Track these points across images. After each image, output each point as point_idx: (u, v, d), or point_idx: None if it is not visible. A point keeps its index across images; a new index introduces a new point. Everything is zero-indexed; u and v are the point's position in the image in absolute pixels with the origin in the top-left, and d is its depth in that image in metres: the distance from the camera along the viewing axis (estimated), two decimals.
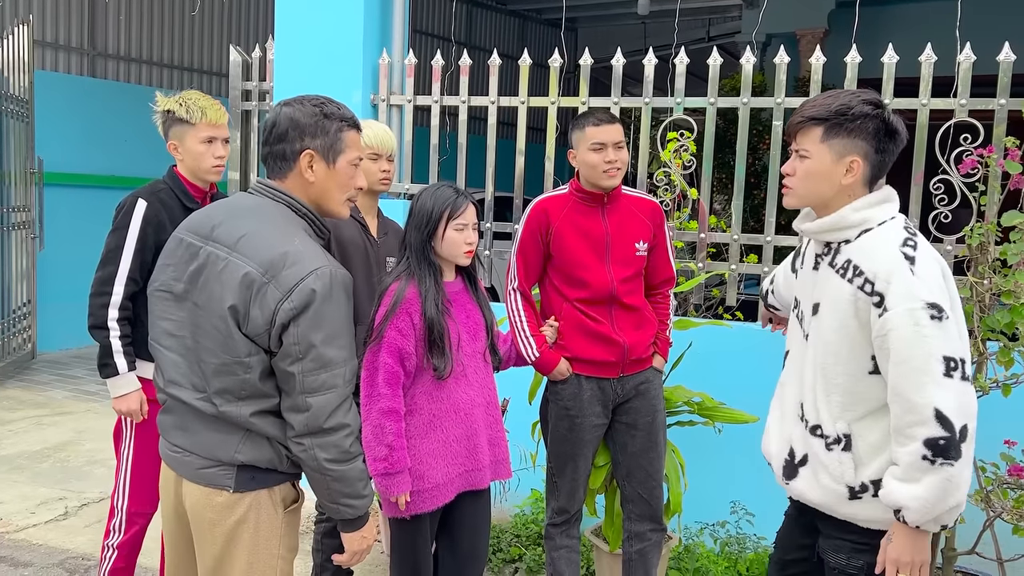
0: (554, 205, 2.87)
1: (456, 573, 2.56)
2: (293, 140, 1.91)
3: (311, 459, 1.84)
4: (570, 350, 2.86)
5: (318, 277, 1.79)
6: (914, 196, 3.52)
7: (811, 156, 1.93)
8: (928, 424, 1.74)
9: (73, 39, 8.17)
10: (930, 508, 1.76)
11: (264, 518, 1.90)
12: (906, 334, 1.76)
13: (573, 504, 2.96)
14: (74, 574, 3.48)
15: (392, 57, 4.33)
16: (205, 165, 2.73)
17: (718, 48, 4.25)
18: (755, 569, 3.52)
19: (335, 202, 1.99)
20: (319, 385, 1.81)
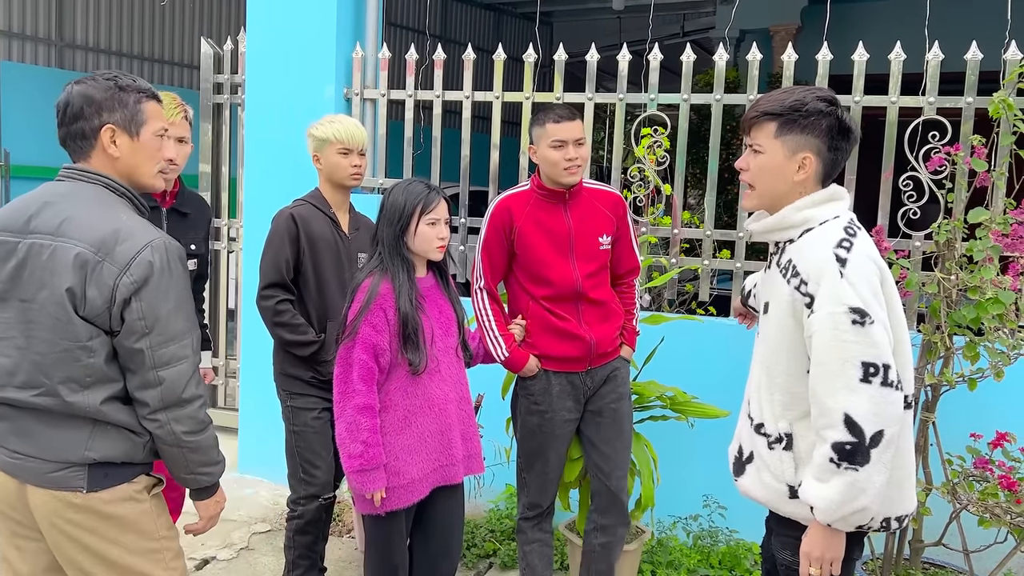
0: (516, 203, 2.85)
1: (430, 568, 2.56)
2: (91, 117, 1.85)
3: (168, 434, 1.83)
4: (538, 347, 2.86)
5: (154, 250, 1.78)
6: (884, 192, 3.56)
7: (764, 151, 1.95)
8: (836, 428, 1.77)
9: (40, 29, 8.03)
10: (835, 509, 1.79)
11: (129, 510, 1.86)
12: (825, 337, 1.78)
13: (544, 499, 2.96)
14: None
15: (366, 51, 4.30)
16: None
17: (692, 44, 4.26)
18: (727, 562, 3.55)
19: (146, 175, 1.95)
20: (170, 358, 1.80)
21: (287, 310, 2.84)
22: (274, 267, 2.84)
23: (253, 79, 4.42)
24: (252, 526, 3.95)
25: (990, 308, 2.76)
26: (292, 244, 2.85)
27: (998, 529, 2.82)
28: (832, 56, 3.61)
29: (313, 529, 2.97)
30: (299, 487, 2.96)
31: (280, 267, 2.84)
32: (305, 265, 2.88)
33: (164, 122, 1.97)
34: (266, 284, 2.86)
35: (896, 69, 3.52)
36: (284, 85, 4.32)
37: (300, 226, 2.87)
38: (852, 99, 3.58)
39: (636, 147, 3.83)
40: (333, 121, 2.99)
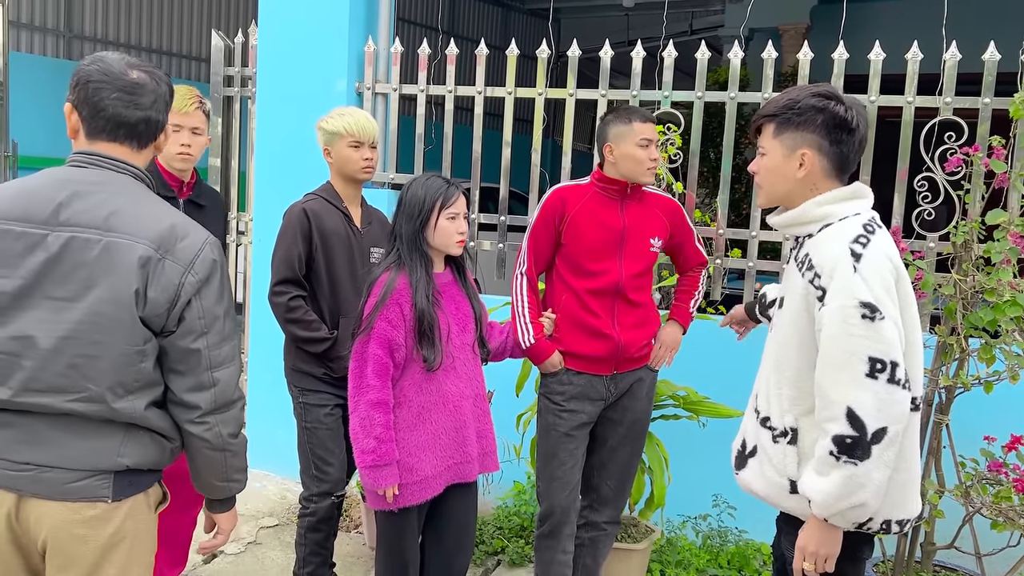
0: (572, 194, 2.85)
1: (443, 566, 2.55)
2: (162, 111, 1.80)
3: (216, 436, 1.75)
4: (564, 343, 2.84)
5: (213, 246, 1.73)
6: (898, 193, 3.54)
7: (767, 152, 1.99)
8: (838, 421, 1.77)
9: (49, 20, 8.03)
10: (832, 503, 1.79)
11: (141, 524, 1.76)
12: (834, 330, 1.79)
13: (554, 503, 2.87)
14: None
15: (378, 45, 4.28)
16: (171, 151, 2.71)
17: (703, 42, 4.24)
18: (736, 562, 3.54)
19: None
20: (224, 358, 1.73)
21: (299, 306, 2.83)
22: (286, 263, 2.82)
23: (264, 72, 4.41)
24: (260, 520, 3.95)
25: (1007, 311, 2.74)
26: (304, 239, 2.83)
27: (1011, 532, 2.80)
28: (848, 55, 3.59)
29: (325, 526, 2.97)
30: (312, 484, 2.95)
31: (292, 263, 2.82)
32: (317, 261, 2.86)
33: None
34: (278, 280, 2.84)
35: (912, 69, 3.50)
36: (295, 78, 4.30)
37: (312, 221, 2.85)
38: (868, 99, 3.55)
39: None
40: (344, 114, 2.97)
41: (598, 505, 2.96)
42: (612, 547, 3.10)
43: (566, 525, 2.90)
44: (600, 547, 2.99)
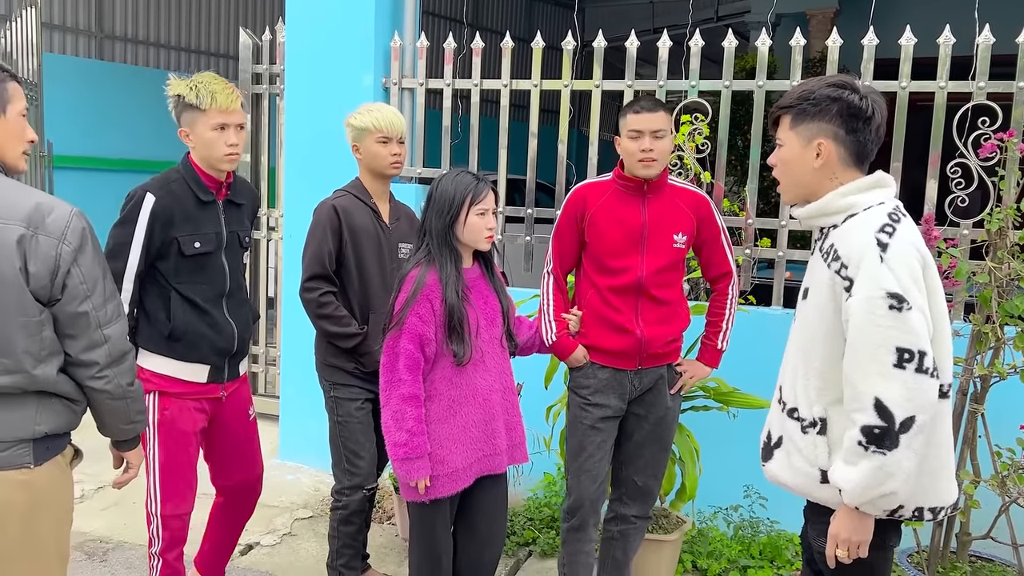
0: (593, 192, 2.85)
1: (475, 556, 2.58)
2: None
3: (116, 387, 1.92)
4: (588, 338, 2.85)
5: (79, 216, 1.86)
6: (931, 179, 3.49)
7: (784, 144, 1.99)
8: (866, 411, 1.78)
9: (81, 21, 8.15)
10: (861, 492, 1.80)
11: (62, 482, 1.94)
12: (861, 321, 1.78)
13: (583, 500, 2.88)
14: (92, 556, 3.51)
15: (404, 40, 4.30)
16: (217, 153, 2.57)
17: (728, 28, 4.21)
18: (768, 553, 3.53)
19: (12, 155, 1.95)
20: (111, 315, 1.90)
21: (330, 302, 2.86)
22: (317, 259, 2.86)
23: (292, 69, 4.45)
24: (294, 512, 4.00)
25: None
26: (335, 235, 2.86)
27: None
28: (878, 41, 3.54)
29: (357, 519, 3.01)
30: (344, 477, 2.99)
31: (323, 259, 2.85)
32: (347, 256, 2.89)
33: (25, 103, 1.95)
34: (309, 276, 2.87)
35: (945, 54, 3.45)
36: (322, 75, 4.34)
37: (342, 217, 2.88)
38: (899, 84, 3.51)
39: (675, 135, 3.80)
40: (371, 110, 2.99)
41: (627, 499, 2.96)
42: (643, 539, 3.11)
43: (593, 517, 2.93)
44: (630, 540, 3.00)
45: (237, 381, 2.79)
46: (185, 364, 2.59)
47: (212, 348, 2.62)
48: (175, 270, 2.55)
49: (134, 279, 2.51)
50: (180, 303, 2.56)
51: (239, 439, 2.82)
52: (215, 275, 2.63)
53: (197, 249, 2.56)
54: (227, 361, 2.68)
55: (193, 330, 2.57)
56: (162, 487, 2.63)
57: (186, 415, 2.62)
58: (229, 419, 2.77)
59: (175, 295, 2.56)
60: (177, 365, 2.58)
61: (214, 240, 2.61)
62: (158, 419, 2.61)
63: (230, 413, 2.77)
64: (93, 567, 3.42)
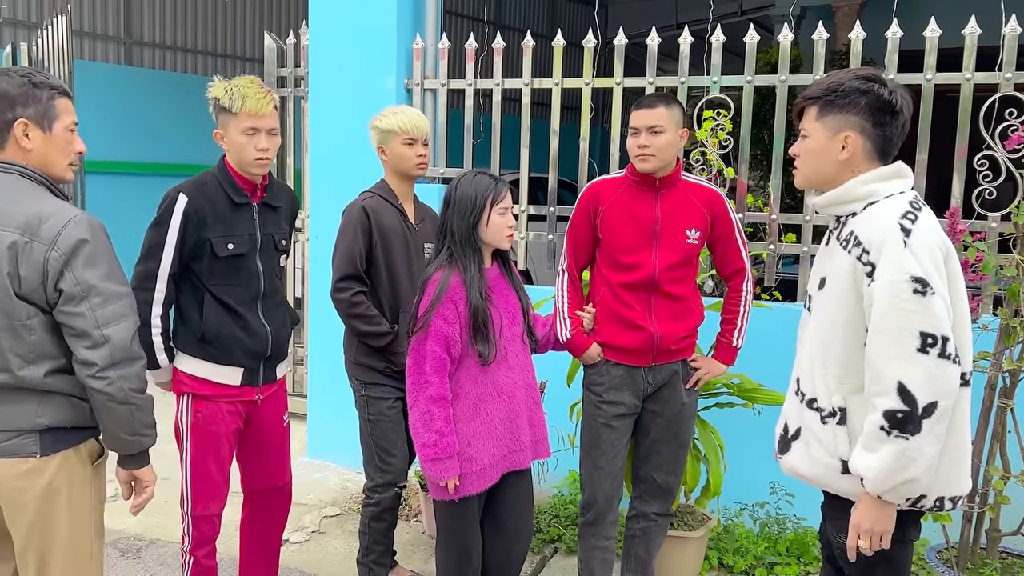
0: (606, 188, 2.86)
1: (504, 552, 2.60)
2: (4, 111, 1.96)
3: (118, 391, 1.94)
4: (602, 335, 2.86)
5: (77, 223, 1.92)
6: (957, 172, 3.45)
7: (809, 135, 1.99)
8: (889, 395, 1.77)
9: (110, 28, 8.28)
10: (884, 479, 1.79)
11: (76, 475, 2.01)
12: (885, 305, 1.78)
13: (596, 493, 2.90)
14: (126, 554, 3.58)
15: (425, 41, 4.33)
16: (247, 157, 2.57)
17: (751, 23, 4.19)
18: (795, 549, 3.52)
19: (58, 167, 2.05)
20: (111, 316, 1.93)
21: (362, 302, 2.90)
22: (348, 259, 2.90)
23: (316, 72, 4.50)
24: (322, 510, 4.06)
25: None
26: (365, 236, 2.90)
27: None
28: (902, 33, 3.51)
29: (388, 516, 3.04)
30: (375, 475, 3.02)
31: (354, 259, 2.89)
32: (377, 257, 2.93)
33: (74, 116, 2.05)
34: (341, 276, 2.91)
35: (970, 45, 3.40)
36: (346, 77, 4.38)
37: (372, 218, 2.91)
38: (924, 77, 3.47)
39: (698, 130, 3.79)
40: (396, 112, 3.02)
41: (647, 496, 2.97)
42: (667, 535, 3.11)
43: (609, 513, 2.93)
44: (652, 538, 3.00)
45: (274, 384, 2.78)
46: (218, 366, 2.60)
47: (245, 351, 2.62)
48: (209, 271, 2.56)
49: (167, 279, 2.53)
50: (213, 305, 2.57)
51: (270, 444, 2.82)
52: (249, 277, 2.63)
53: (230, 250, 2.56)
54: (262, 364, 2.68)
55: (226, 332, 2.58)
56: (192, 487, 2.66)
57: (219, 418, 2.63)
58: (263, 423, 2.78)
59: (208, 297, 2.57)
60: (210, 367, 2.60)
61: (248, 242, 2.61)
62: (191, 421, 2.63)
63: (265, 417, 2.77)
64: (127, 564, 3.49)
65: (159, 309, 2.54)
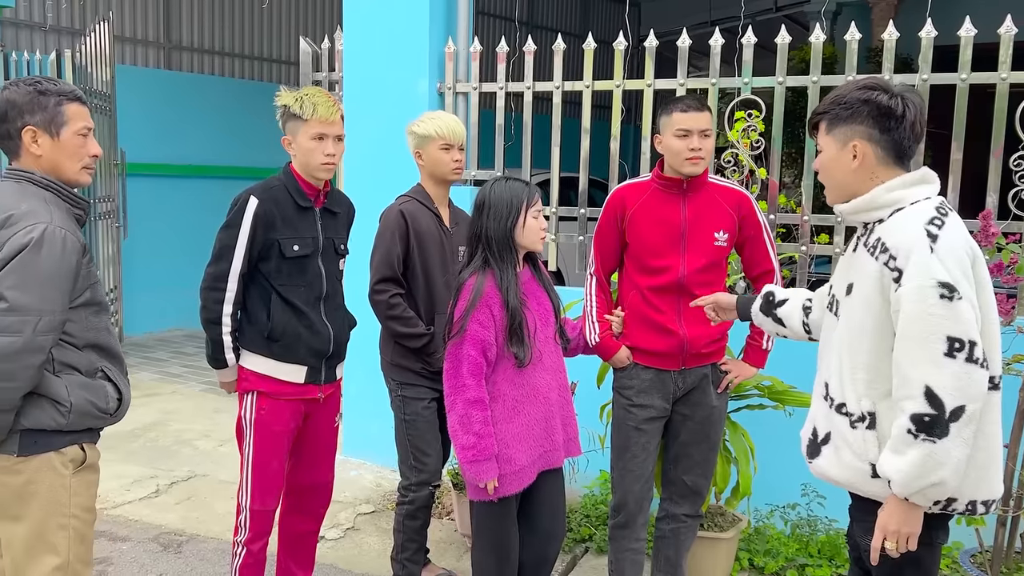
0: (632, 192, 2.88)
1: (540, 551, 2.65)
2: (14, 119, 2.04)
3: None
4: (631, 339, 2.88)
5: (29, 231, 1.94)
6: (993, 172, 3.42)
7: (823, 149, 2.04)
8: (916, 399, 1.78)
9: (150, 33, 8.46)
10: (911, 481, 1.80)
11: (52, 479, 2.05)
12: (912, 310, 1.80)
13: (627, 496, 2.92)
14: (168, 548, 3.69)
15: (457, 45, 4.38)
16: (314, 162, 2.66)
17: (787, 19, 4.17)
18: (827, 551, 3.51)
19: (70, 171, 2.11)
20: (4, 326, 1.91)
21: (399, 304, 2.97)
22: (386, 262, 2.96)
23: (350, 76, 4.57)
24: (357, 507, 4.13)
25: None
26: (402, 240, 2.96)
27: None
28: (936, 32, 3.47)
29: (422, 514, 3.10)
30: (411, 474, 3.08)
31: (392, 262, 2.96)
32: (413, 260, 2.99)
33: (87, 121, 2.11)
34: (379, 279, 2.98)
35: (1006, 44, 3.36)
36: (380, 81, 4.45)
37: (409, 222, 2.98)
38: (959, 76, 3.44)
39: (729, 131, 3.79)
40: (434, 118, 3.08)
41: (677, 498, 2.99)
42: (698, 536, 3.12)
43: (639, 515, 2.95)
44: (681, 539, 3.02)
45: (334, 384, 2.87)
46: (283, 364, 2.69)
47: (309, 350, 2.71)
48: (276, 271, 2.66)
49: (238, 279, 2.63)
50: (280, 304, 2.66)
51: (321, 443, 2.91)
52: (313, 278, 2.72)
53: (296, 252, 2.66)
54: (324, 363, 2.77)
55: (291, 331, 2.67)
56: (254, 483, 2.74)
57: (282, 416, 2.72)
58: (319, 422, 2.87)
59: (276, 297, 2.66)
60: (275, 365, 2.69)
61: (311, 244, 2.71)
62: (255, 418, 2.72)
63: (322, 417, 2.86)
64: (168, 558, 3.59)
65: (229, 308, 2.64)
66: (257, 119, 7.79)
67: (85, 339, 2.11)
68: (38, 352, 1.96)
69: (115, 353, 2.20)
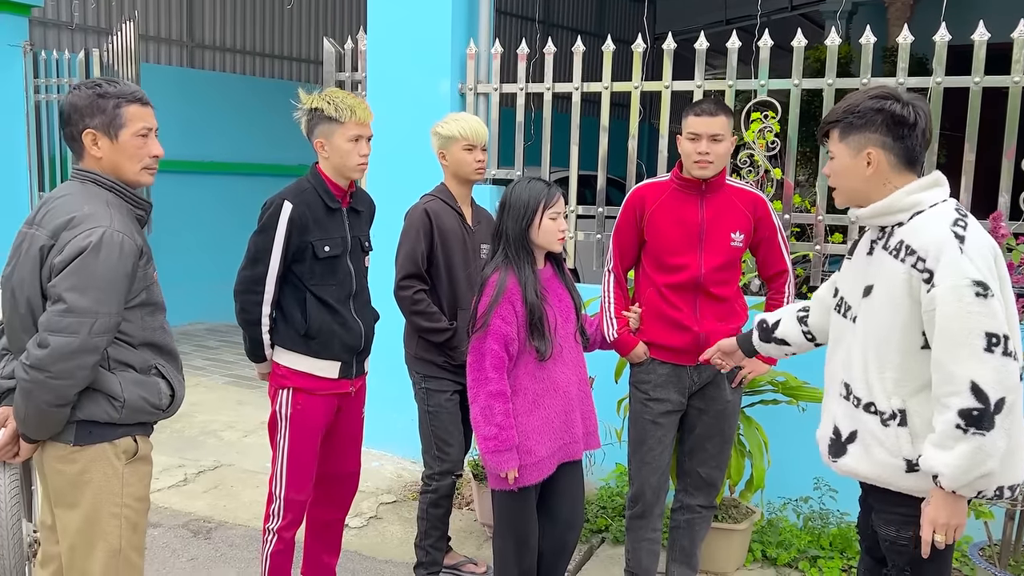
0: (652, 192, 2.96)
1: (559, 539, 2.75)
2: (76, 123, 2.12)
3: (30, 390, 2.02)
4: (648, 335, 2.97)
5: (88, 235, 2.02)
6: (1005, 173, 3.48)
7: (835, 156, 2.10)
8: (963, 395, 1.85)
9: (173, 32, 8.59)
10: (962, 475, 1.86)
11: (106, 468, 2.15)
12: (950, 310, 1.87)
13: (644, 488, 3.02)
14: (197, 534, 3.81)
15: (479, 47, 4.47)
16: (351, 163, 2.75)
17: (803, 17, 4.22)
18: (838, 544, 3.58)
19: (130, 172, 2.17)
20: (62, 327, 2.00)
21: (423, 299, 3.07)
22: (411, 259, 3.07)
23: (374, 76, 4.66)
24: (379, 496, 4.24)
25: None
26: (426, 237, 3.07)
27: None
28: (950, 36, 3.53)
29: (445, 502, 3.21)
30: (434, 463, 3.19)
31: (416, 259, 3.06)
32: (437, 257, 3.10)
33: (147, 122, 2.17)
34: (404, 275, 3.08)
35: (1018, 48, 3.42)
36: (402, 82, 4.54)
37: (433, 220, 3.08)
38: (972, 80, 3.50)
39: (745, 132, 3.86)
40: (457, 119, 3.18)
41: (692, 490, 3.08)
42: (713, 527, 3.21)
43: (656, 506, 3.05)
44: (696, 529, 3.11)
45: (362, 378, 2.98)
46: (318, 361, 2.79)
47: (343, 346, 2.81)
48: (310, 272, 2.75)
49: (275, 281, 2.72)
50: (315, 303, 2.76)
51: (350, 434, 3.03)
52: (343, 277, 2.82)
53: (327, 252, 2.75)
54: (355, 358, 2.87)
55: (327, 329, 2.77)
56: (289, 474, 2.84)
57: (316, 411, 2.82)
58: (349, 414, 2.98)
59: (310, 296, 2.76)
60: (311, 362, 2.78)
61: (340, 244, 2.80)
62: (291, 412, 2.81)
63: (351, 409, 2.98)
64: (199, 544, 3.72)
65: (267, 309, 2.74)
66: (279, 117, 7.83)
67: (140, 338, 2.18)
68: (93, 352, 2.04)
69: (170, 351, 2.28)
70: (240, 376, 6.54)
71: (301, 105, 2.80)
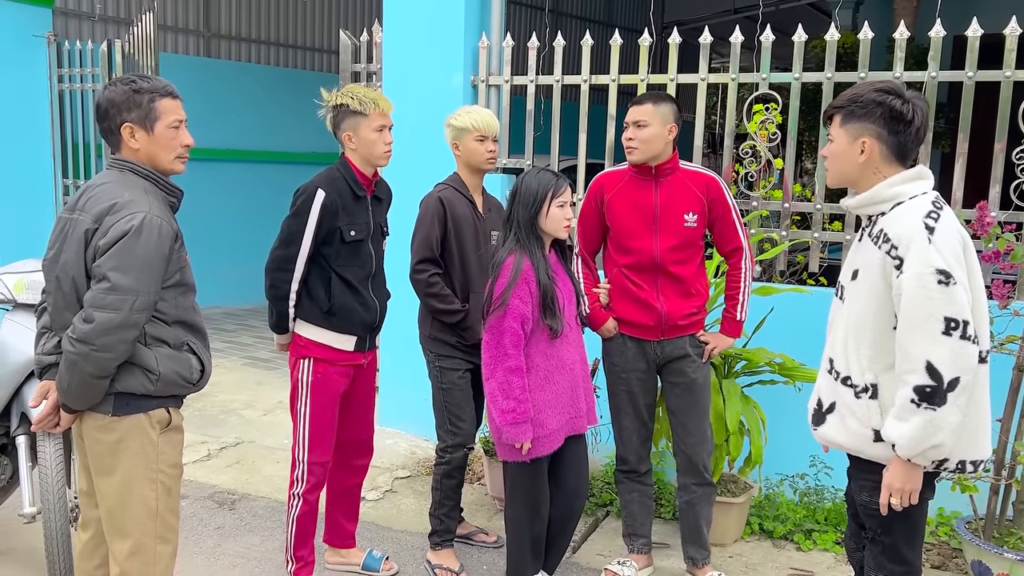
0: (610, 180, 3.21)
1: (566, 507, 2.96)
2: (114, 117, 2.27)
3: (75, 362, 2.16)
4: (617, 311, 3.21)
5: (131, 218, 2.17)
6: (996, 165, 3.61)
7: (834, 139, 2.26)
8: (919, 372, 2.03)
9: (191, 22, 8.74)
10: (915, 444, 2.04)
11: (142, 437, 2.29)
12: (914, 294, 2.04)
13: (627, 452, 3.29)
14: (222, 505, 4.01)
15: (491, 40, 4.61)
16: (378, 151, 3.00)
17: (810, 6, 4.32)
18: (833, 519, 3.74)
19: (165, 162, 2.34)
20: (106, 304, 2.14)
21: (437, 282, 3.25)
22: (426, 244, 3.24)
23: (389, 68, 4.81)
24: (394, 472, 4.43)
25: None
26: (440, 224, 3.24)
27: None
28: (944, 32, 3.65)
29: (458, 474, 3.39)
30: (447, 437, 3.37)
31: (431, 244, 3.24)
32: (450, 242, 3.27)
33: (179, 115, 2.35)
34: (419, 260, 3.26)
35: (1011, 44, 3.54)
36: (416, 73, 4.69)
37: (447, 208, 3.26)
38: (965, 75, 3.62)
39: (748, 123, 4.00)
40: (470, 112, 3.35)
41: (684, 471, 3.30)
42: (713, 503, 3.37)
43: (641, 464, 3.31)
44: (697, 508, 3.29)
45: (374, 351, 3.23)
46: (338, 335, 3.03)
47: (361, 322, 3.06)
48: (336, 254, 2.99)
49: (304, 261, 2.95)
50: (339, 283, 2.99)
51: (362, 402, 3.27)
52: (365, 259, 3.06)
53: (353, 237, 2.99)
54: (369, 333, 3.12)
55: (348, 306, 3.01)
56: (311, 438, 3.06)
57: (334, 379, 3.06)
58: (362, 383, 3.22)
59: (335, 276, 2.99)
60: (331, 335, 3.03)
61: (365, 229, 3.04)
62: (312, 380, 3.04)
63: (364, 379, 3.22)
64: (224, 514, 3.91)
65: (295, 286, 2.98)
66: (294, 106, 8.04)
67: (174, 316, 2.34)
68: (133, 328, 2.20)
69: (199, 329, 2.45)
70: (258, 358, 6.74)
71: (325, 103, 3.01)
